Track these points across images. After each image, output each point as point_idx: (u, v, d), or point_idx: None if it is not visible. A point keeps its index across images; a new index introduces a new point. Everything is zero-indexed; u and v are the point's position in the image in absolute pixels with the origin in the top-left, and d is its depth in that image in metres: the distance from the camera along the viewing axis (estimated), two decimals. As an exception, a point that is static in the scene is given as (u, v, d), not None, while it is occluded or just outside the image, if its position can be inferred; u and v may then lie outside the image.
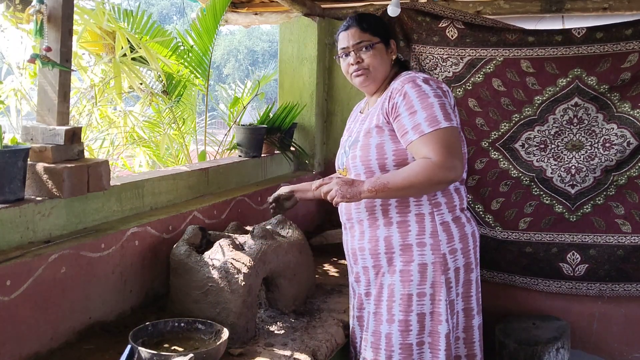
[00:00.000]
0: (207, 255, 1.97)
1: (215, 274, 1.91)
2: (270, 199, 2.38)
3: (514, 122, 2.97)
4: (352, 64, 1.98)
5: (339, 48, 2.03)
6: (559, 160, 2.95)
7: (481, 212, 3.05)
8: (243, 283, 1.89)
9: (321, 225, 3.45)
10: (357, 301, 2.10)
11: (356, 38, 1.97)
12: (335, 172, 2.21)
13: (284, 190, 2.37)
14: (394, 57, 2.02)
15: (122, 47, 3.23)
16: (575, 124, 2.91)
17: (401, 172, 1.80)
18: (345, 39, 2.00)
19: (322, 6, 3.50)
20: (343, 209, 2.06)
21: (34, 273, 1.65)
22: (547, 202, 2.99)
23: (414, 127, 1.79)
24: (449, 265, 1.91)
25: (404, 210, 1.92)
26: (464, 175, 2.03)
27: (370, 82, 1.99)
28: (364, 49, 1.96)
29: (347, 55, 2.00)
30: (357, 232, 2.02)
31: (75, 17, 2.16)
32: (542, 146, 2.95)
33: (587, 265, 2.97)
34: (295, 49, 3.56)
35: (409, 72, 1.95)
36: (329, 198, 1.88)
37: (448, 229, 1.92)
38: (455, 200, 1.96)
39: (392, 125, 1.87)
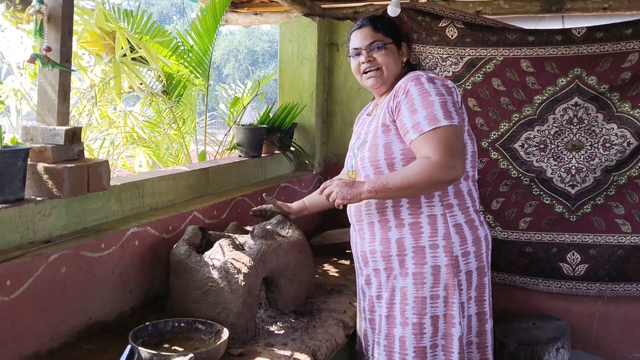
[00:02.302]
0: (207, 255, 1.97)
1: (215, 274, 1.91)
2: (256, 209, 2.41)
3: (513, 121, 2.98)
4: (364, 62, 1.97)
5: (351, 47, 2.02)
6: (559, 160, 2.95)
7: (481, 212, 3.05)
8: (243, 283, 1.89)
9: (321, 225, 3.45)
10: (369, 304, 2.09)
11: (369, 38, 1.97)
12: (337, 173, 2.21)
13: (270, 206, 2.40)
14: (405, 59, 2.01)
15: (122, 47, 3.23)
16: (575, 124, 2.91)
17: (401, 172, 1.80)
18: (357, 38, 1.99)
19: (322, 6, 3.50)
20: (353, 210, 2.05)
21: (34, 273, 1.65)
22: (547, 202, 2.99)
23: (414, 125, 1.78)
24: (460, 268, 1.89)
25: (416, 211, 1.90)
26: (475, 175, 2.01)
27: (382, 84, 1.99)
28: (376, 49, 1.96)
29: (358, 54, 1.99)
30: (367, 234, 2.00)
31: (75, 17, 2.16)
32: (542, 146, 2.96)
33: (587, 265, 2.98)
34: (295, 49, 3.56)
35: (416, 71, 1.94)
36: (330, 200, 1.91)
37: (461, 231, 1.90)
38: (467, 202, 1.94)
39: (397, 123, 1.87)
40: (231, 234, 2.19)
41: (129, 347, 1.58)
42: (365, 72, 1.99)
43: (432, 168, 1.72)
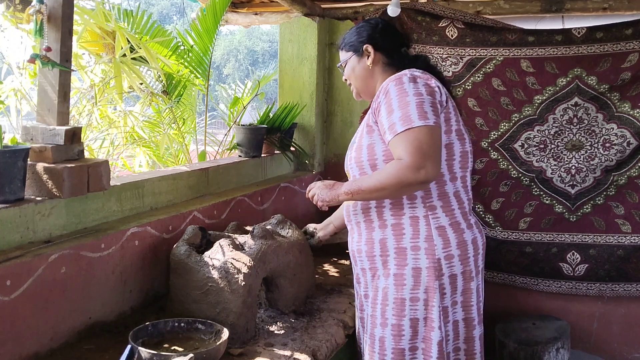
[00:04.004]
0: (207, 255, 1.97)
1: (215, 274, 1.91)
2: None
3: (513, 122, 2.98)
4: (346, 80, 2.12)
5: None
6: (558, 160, 2.95)
7: (481, 212, 3.05)
8: (243, 283, 1.89)
9: (321, 225, 3.45)
10: (359, 302, 2.10)
11: (339, 60, 2.10)
12: (337, 173, 2.22)
13: (309, 227, 2.50)
14: (369, 62, 1.99)
15: (122, 47, 3.23)
16: (575, 124, 2.91)
17: (375, 175, 1.81)
18: None
19: (322, 6, 3.50)
20: (344, 210, 2.07)
21: (34, 273, 1.65)
22: (547, 202, 2.99)
23: (390, 126, 1.78)
24: (443, 271, 1.86)
25: (398, 212, 1.89)
26: (467, 176, 1.99)
27: (359, 94, 2.09)
28: (343, 70, 2.08)
29: None
30: (355, 233, 2.02)
31: (75, 17, 2.16)
32: (542, 146, 2.96)
33: (587, 265, 2.98)
34: (295, 49, 3.56)
35: (404, 70, 1.90)
36: (313, 202, 1.98)
37: (444, 233, 1.87)
38: (452, 204, 1.91)
39: (378, 124, 1.88)
40: (231, 234, 2.19)
41: (129, 347, 1.58)
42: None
43: (402, 169, 1.72)
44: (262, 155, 3.25)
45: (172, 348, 1.74)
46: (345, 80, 2.10)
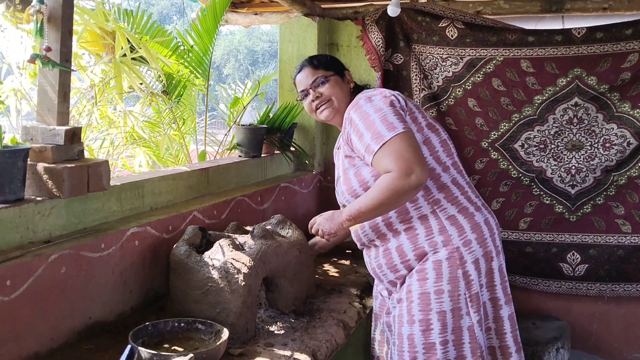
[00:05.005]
0: (207, 255, 1.97)
1: (215, 274, 1.91)
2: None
3: (513, 122, 2.98)
4: (314, 100, 2.07)
5: (299, 91, 2.13)
6: (558, 160, 2.95)
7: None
8: (243, 283, 1.89)
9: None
10: (385, 310, 2.14)
11: (310, 77, 2.08)
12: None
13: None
14: (352, 85, 2.10)
15: (122, 47, 3.23)
16: (575, 124, 2.91)
17: (369, 194, 1.84)
18: (301, 80, 2.11)
19: (322, 6, 3.50)
20: (354, 236, 2.11)
21: (34, 273, 1.65)
22: (547, 202, 2.99)
23: (366, 149, 1.85)
24: (465, 259, 1.89)
25: (406, 217, 1.93)
26: (457, 162, 2.02)
27: (335, 114, 2.07)
28: (320, 84, 2.06)
29: (306, 95, 2.10)
30: (372, 252, 2.06)
31: (75, 17, 2.16)
32: (542, 146, 2.96)
33: (587, 265, 2.98)
34: (295, 49, 3.55)
35: (358, 95, 1.99)
36: (319, 236, 2.03)
37: (456, 222, 1.91)
38: (454, 192, 1.95)
39: (355, 152, 1.94)
40: (231, 234, 2.19)
41: (129, 347, 1.57)
42: (318, 108, 2.08)
43: (394, 181, 1.76)
44: (262, 155, 3.25)
45: (172, 348, 1.74)
46: (317, 97, 2.07)
